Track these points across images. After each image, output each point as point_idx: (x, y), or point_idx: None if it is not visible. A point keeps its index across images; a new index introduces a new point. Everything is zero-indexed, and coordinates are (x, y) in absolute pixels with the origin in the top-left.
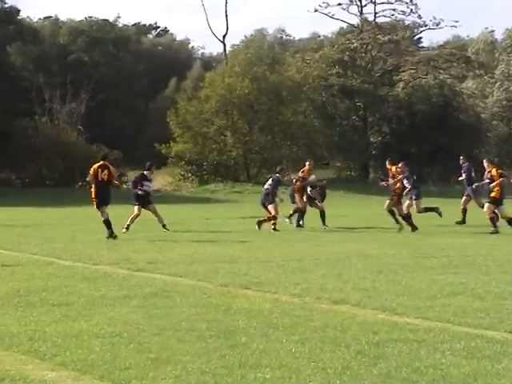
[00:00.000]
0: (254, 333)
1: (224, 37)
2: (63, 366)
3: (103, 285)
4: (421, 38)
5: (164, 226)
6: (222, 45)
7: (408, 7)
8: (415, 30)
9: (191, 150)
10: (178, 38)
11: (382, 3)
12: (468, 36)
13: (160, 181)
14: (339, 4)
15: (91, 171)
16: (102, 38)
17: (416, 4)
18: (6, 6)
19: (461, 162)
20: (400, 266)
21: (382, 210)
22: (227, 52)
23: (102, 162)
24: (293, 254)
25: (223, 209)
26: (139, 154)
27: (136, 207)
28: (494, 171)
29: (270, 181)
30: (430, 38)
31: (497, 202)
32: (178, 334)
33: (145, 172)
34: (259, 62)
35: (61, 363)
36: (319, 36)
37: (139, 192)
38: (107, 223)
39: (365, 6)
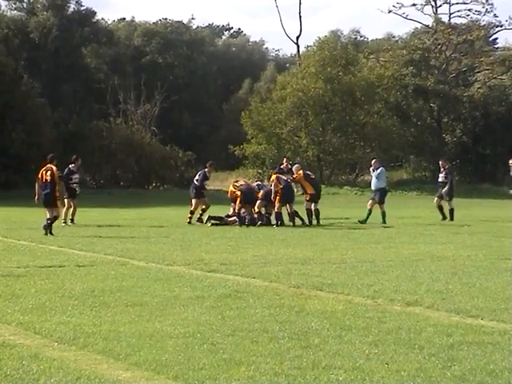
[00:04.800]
0: (327, 334)
1: (298, 38)
2: (137, 365)
3: (176, 285)
4: (496, 38)
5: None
6: (295, 46)
7: (483, 7)
8: (490, 31)
9: (266, 151)
10: (251, 40)
11: (457, 3)
12: None
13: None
14: (413, 4)
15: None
16: (176, 40)
17: (492, 4)
18: (82, 8)
19: (440, 164)
20: (474, 268)
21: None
22: (301, 53)
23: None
24: (365, 256)
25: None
26: (213, 154)
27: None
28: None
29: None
30: (505, 38)
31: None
32: (251, 334)
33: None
34: (333, 63)
35: (135, 363)
36: (393, 37)
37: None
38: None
39: (439, 6)
